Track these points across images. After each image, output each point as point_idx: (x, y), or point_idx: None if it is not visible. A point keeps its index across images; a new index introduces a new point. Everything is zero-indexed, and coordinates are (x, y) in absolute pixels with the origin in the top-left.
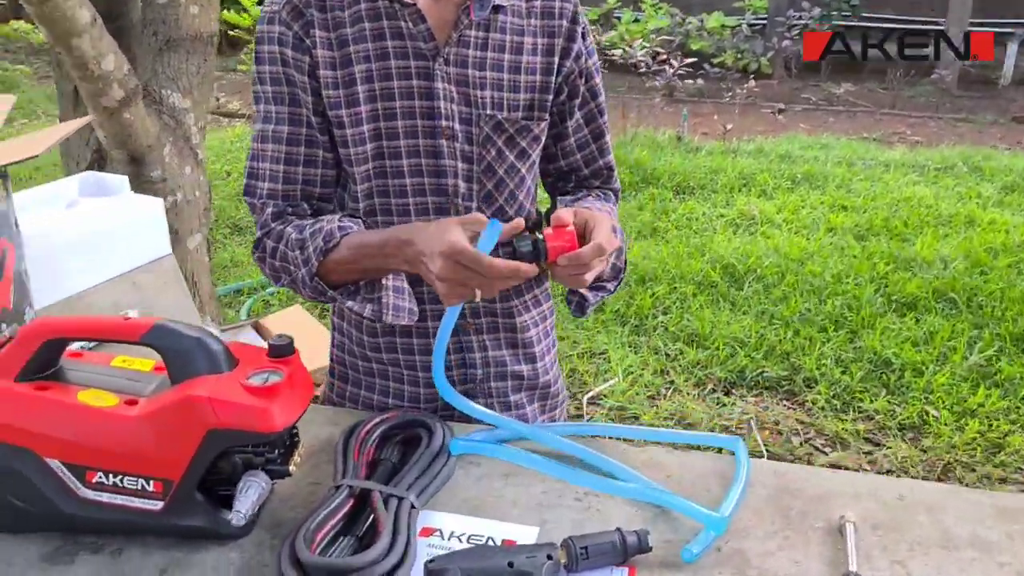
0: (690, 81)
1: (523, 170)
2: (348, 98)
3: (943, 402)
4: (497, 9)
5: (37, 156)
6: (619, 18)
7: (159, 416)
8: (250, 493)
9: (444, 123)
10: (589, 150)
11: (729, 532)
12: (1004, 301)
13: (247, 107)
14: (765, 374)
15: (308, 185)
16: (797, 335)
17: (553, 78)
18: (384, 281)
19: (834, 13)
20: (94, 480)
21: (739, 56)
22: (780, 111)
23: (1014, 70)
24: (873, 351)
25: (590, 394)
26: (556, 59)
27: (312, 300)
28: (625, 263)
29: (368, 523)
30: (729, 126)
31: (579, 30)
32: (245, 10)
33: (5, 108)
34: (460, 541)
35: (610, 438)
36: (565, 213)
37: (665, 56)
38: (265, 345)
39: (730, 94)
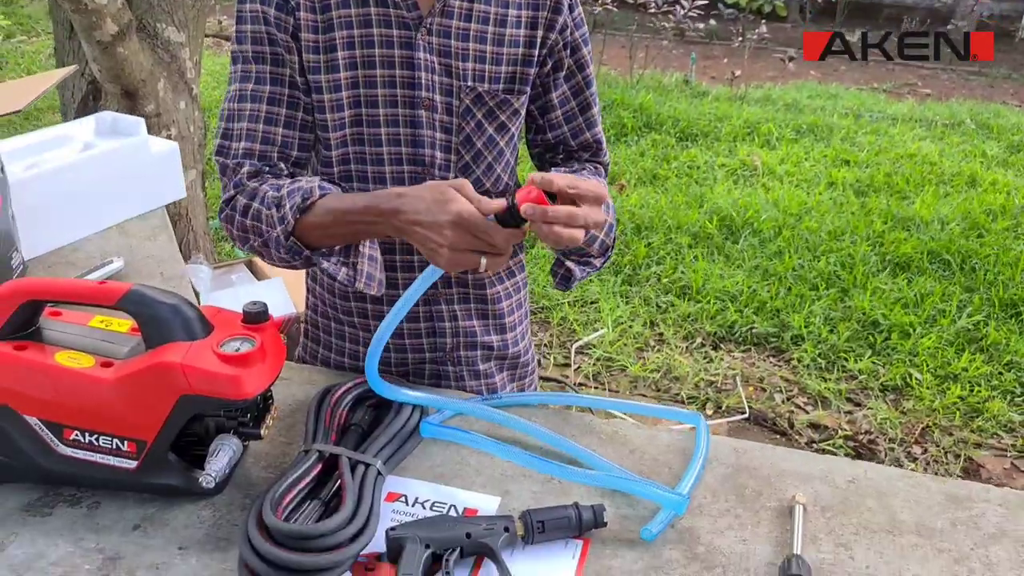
0: (701, 24)
1: (502, 143)
2: (328, 63)
3: (927, 365)
4: None
5: (20, 112)
6: None
7: (133, 380)
8: (220, 456)
9: (424, 94)
10: (576, 123)
11: (686, 513)
12: (997, 265)
13: None
14: (754, 330)
15: (286, 147)
16: (789, 292)
17: (536, 51)
18: (360, 248)
19: None
20: (71, 438)
21: None
22: (790, 59)
23: None
24: (862, 311)
25: (578, 344)
26: (540, 32)
27: (284, 265)
28: (614, 240)
29: (335, 488)
30: (738, 72)
31: (565, 1)
32: None
33: None
34: (424, 508)
35: (575, 408)
36: (550, 175)
37: None
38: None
39: (741, 38)
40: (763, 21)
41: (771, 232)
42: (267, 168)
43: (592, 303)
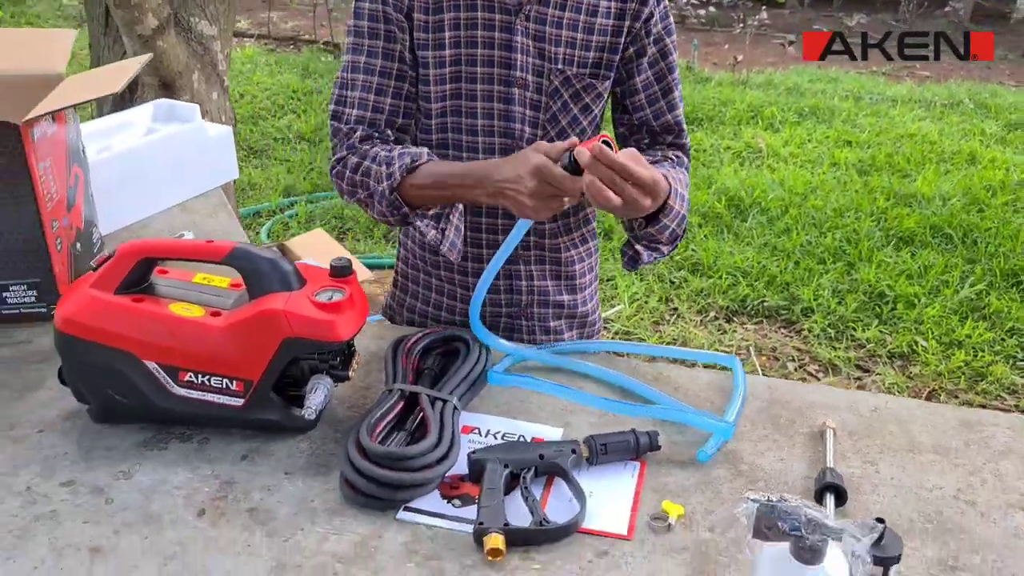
0: (702, 10)
1: (584, 122)
2: (435, 41)
3: (932, 333)
4: None
5: (116, 92)
6: None
7: (242, 326)
8: (318, 392)
9: (519, 74)
10: (658, 105)
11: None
12: (998, 238)
13: (256, 27)
14: (765, 303)
15: (393, 115)
16: (797, 266)
17: (622, 39)
18: (451, 217)
19: None
20: (185, 379)
21: None
22: (790, 43)
23: None
24: (869, 283)
25: None
26: (627, 22)
27: (382, 218)
28: (684, 231)
29: (417, 421)
30: (739, 57)
31: None
32: None
33: (68, 42)
34: (496, 438)
35: (620, 354)
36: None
37: None
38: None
39: (742, 24)
40: (763, 7)
41: (778, 211)
42: (376, 134)
43: (608, 280)
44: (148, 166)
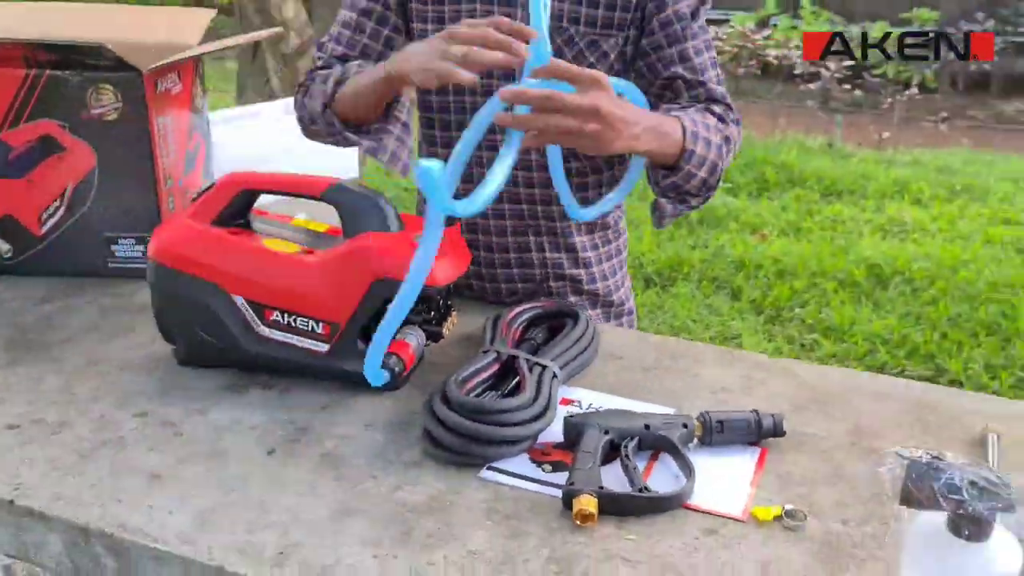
0: (847, 86)
1: None
2: (435, 14)
3: None
4: None
5: (241, 45)
6: (776, 25)
7: (333, 263)
8: (407, 342)
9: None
10: (666, 52)
11: (867, 435)
12: None
13: None
14: (906, 372)
15: (364, 55)
16: (944, 338)
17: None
18: (390, 127)
19: (1008, 28)
20: (271, 318)
21: (902, 68)
22: (944, 119)
23: None
24: None
25: None
26: None
27: (328, 141)
28: (719, 180)
29: (512, 384)
30: (885, 134)
31: None
32: None
33: (204, 21)
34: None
35: None
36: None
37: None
38: None
39: (889, 100)
40: (915, 86)
41: (924, 282)
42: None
43: (734, 338)
44: (270, 152)
